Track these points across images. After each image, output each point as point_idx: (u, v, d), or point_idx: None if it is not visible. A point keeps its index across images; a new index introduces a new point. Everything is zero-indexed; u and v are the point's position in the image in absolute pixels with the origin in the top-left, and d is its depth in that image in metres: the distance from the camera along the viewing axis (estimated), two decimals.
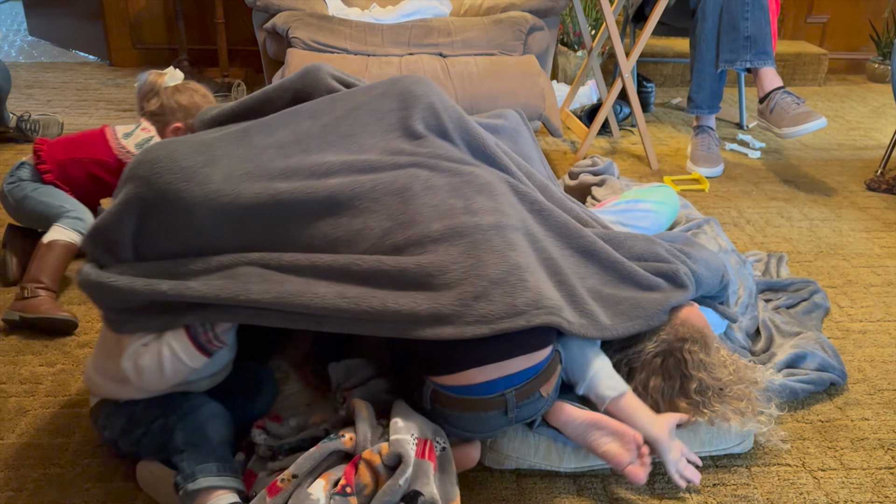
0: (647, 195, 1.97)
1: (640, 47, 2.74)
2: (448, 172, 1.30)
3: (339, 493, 1.12)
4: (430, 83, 1.43)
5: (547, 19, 2.92)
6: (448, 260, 1.19)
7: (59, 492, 1.27)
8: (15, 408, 1.46)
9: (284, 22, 2.70)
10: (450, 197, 1.26)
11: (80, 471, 1.31)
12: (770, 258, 2.06)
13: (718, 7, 2.57)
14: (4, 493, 1.26)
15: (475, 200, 1.27)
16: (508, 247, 1.22)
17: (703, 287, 1.44)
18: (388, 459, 1.16)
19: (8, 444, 1.37)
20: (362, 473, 1.15)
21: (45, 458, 1.34)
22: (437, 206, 1.24)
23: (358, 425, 1.21)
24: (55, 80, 3.60)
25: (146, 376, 1.19)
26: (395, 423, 1.21)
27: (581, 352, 1.34)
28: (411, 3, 3.03)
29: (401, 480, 1.13)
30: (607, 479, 1.35)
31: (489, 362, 1.21)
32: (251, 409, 1.34)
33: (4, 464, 1.33)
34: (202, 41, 3.78)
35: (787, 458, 1.41)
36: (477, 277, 1.18)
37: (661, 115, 3.43)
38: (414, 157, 1.31)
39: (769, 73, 2.60)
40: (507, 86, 2.56)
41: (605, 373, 1.34)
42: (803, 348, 1.61)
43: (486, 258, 1.20)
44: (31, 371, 1.57)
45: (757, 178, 2.73)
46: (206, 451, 1.18)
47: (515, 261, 1.21)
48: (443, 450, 1.22)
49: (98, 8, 3.75)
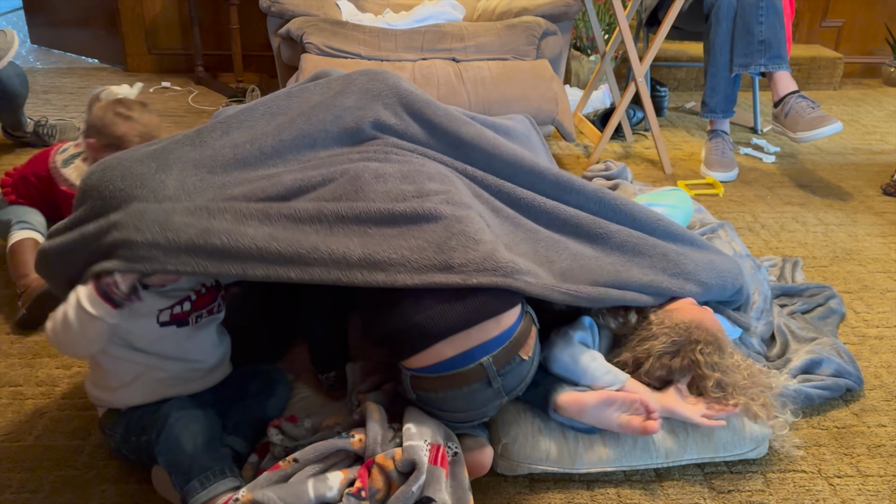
0: (660, 199, 1.97)
1: (654, 51, 2.73)
2: (399, 162, 1.33)
3: (353, 494, 1.12)
4: (388, 75, 1.44)
5: (560, 24, 2.92)
6: (392, 223, 1.23)
7: (75, 493, 1.28)
8: (32, 410, 1.48)
9: (299, 27, 2.71)
10: (401, 183, 1.29)
11: (95, 473, 1.32)
12: (785, 263, 2.05)
13: (732, 11, 2.56)
14: (22, 495, 1.27)
15: (426, 185, 1.29)
16: (457, 220, 1.24)
17: (709, 289, 1.44)
18: (402, 466, 1.16)
19: (25, 446, 1.38)
20: (375, 478, 1.15)
21: (61, 459, 1.35)
22: (389, 192, 1.27)
23: (369, 427, 1.22)
24: (71, 85, 3.64)
25: (61, 334, 1.17)
26: (407, 429, 1.21)
27: (572, 359, 1.36)
28: (424, 9, 3.04)
29: (413, 487, 1.13)
30: (621, 484, 1.34)
31: (454, 332, 1.20)
32: (265, 410, 1.35)
33: (22, 465, 1.34)
34: (217, 46, 3.81)
35: (802, 464, 1.40)
36: (416, 236, 1.21)
37: (674, 119, 3.42)
38: (365, 153, 1.34)
39: (784, 78, 2.59)
40: (520, 90, 2.56)
41: (600, 371, 1.35)
42: (819, 354, 1.60)
43: (432, 227, 1.22)
44: (48, 373, 1.58)
45: (772, 183, 2.72)
46: (186, 467, 1.17)
47: (461, 229, 1.23)
48: (454, 455, 1.22)
49: (112, 14, 3.79)
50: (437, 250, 1.20)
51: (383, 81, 1.43)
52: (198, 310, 1.30)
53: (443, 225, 1.23)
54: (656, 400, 1.33)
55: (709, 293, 1.44)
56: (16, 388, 1.53)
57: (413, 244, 1.21)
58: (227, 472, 1.18)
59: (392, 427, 1.25)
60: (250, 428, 1.32)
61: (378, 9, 3.20)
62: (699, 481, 1.36)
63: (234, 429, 1.31)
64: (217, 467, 1.18)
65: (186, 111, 3.31)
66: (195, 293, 1.29)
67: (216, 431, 1.25)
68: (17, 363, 1.62)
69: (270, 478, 1.17)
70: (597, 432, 1.35)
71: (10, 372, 1.58)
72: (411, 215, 1.23)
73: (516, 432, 1.33)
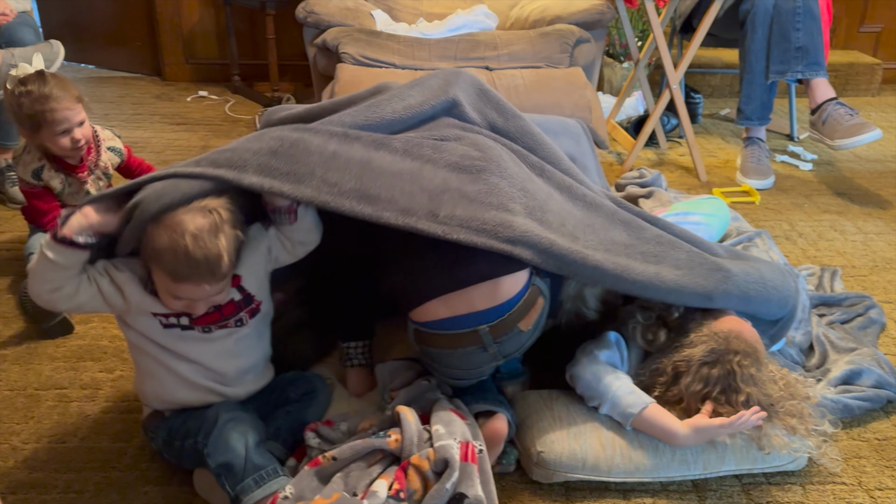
0: (696, 207, 1.96)
1: (689, 58, 2.72)
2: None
3: (393, 496, 1.16)
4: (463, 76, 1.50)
5: (593, 31, 2.92)
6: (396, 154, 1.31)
7: (119, 494, 1.31)
8: (76, 412, 1.51)
9: (334, 38, 2.75)
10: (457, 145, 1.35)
11: (138, 474, 1.35)
12: (823, 272, 2.02)
13: (769, 18, 2.54)
14: (68, 495, 1.31)
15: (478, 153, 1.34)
16: (473, 180, 1.28)
17: (754, 303, 1.43)
18: (436, 465, 1.20)
19: (71, 448, 1.42)
20: (412, 479, 1.19)
21: (105, 461, 1.39)
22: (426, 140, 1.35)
23: (405, 428, 1.25)
24: (111, 94, 3.72)
25: (30, 278, 1.18)
26: (436, 430, 1.24)
27: (595, 377, 1.36)
28: (458, 18, 3.06)
29: (447, 484, 1.17)
30: (657, 493, 1.34)
31: (446, 291, 1.25)
32: (305, 416, 1.37)
33: (68, 466, 1.37)
34: (253, 56, 3.87)
35: (842, 476, 1.38)
36: (414, 181, 1.26)
37: (709, 126, 3.39)
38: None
39: (821, 84, 2.56)
40: (553, 98, 2.56)
41: (623, 391, 1.34)
42: (859, 364, 1.58)
43: (442, 175, 1.28)
44: (92, 377, 1.62)
45: (809, 191, 2.68)
46: (238, 467, 1.19)
47: (474, 189, 1.26)
48: (479, 451, 1.25)
49: (151, 24, 3.87)
50: (428, 198, 1.24)
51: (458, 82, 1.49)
52: (204, 324, 1.27)
53: (458, 178, 1.27)
54: (682, 426, 1.31)
55: (750, 304, 1.43)
56: (61, 391, 1.57)
57: (407, 188, 1.24)
58: (280, 472, 1.21)
59: (426, 428, 1.28)
60: (290, 434, 1.34)
61: (412, 18, 3.22)
62: (737, 492, 1.35)
63: (275, 434, 1.33)
64: (270, 466, 1.21)
65: (223, 120, 3.37)
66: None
67: (263, 433, 1.28)
68: (62, 366, 1.66)
69: (310, 473, 1.21)
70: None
71: (55, 375, 1.63)
72: (428, 157, 1.29)
73: (552, 440, 1.33)
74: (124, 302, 1.22)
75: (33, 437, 1.44)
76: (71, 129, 1.83)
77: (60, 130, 1.81)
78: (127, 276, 1.22)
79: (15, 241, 2.16)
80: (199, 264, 1.13)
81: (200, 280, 1.16)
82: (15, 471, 1.36)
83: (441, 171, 1.28)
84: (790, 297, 1.47)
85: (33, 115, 1.78)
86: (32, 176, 1.90)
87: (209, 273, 1.15)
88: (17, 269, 2.01)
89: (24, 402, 1.54)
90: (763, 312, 1.47)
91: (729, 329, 1.37)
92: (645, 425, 1.33)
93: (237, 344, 1.31)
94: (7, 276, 2.01)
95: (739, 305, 1.42)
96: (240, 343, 1.31)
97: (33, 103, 1.77)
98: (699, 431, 1.31)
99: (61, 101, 1.79)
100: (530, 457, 1.34)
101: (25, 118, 1.79)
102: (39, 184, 1.91)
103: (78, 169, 1.94)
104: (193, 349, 1.28)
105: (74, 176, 1.94)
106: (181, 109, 3.51)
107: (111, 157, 2.03)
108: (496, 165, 1.31)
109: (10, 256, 2.10)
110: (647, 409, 1.32)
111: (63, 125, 1.81)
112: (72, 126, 1.83)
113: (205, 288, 1.18)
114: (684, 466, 1.34)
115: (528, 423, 1.38)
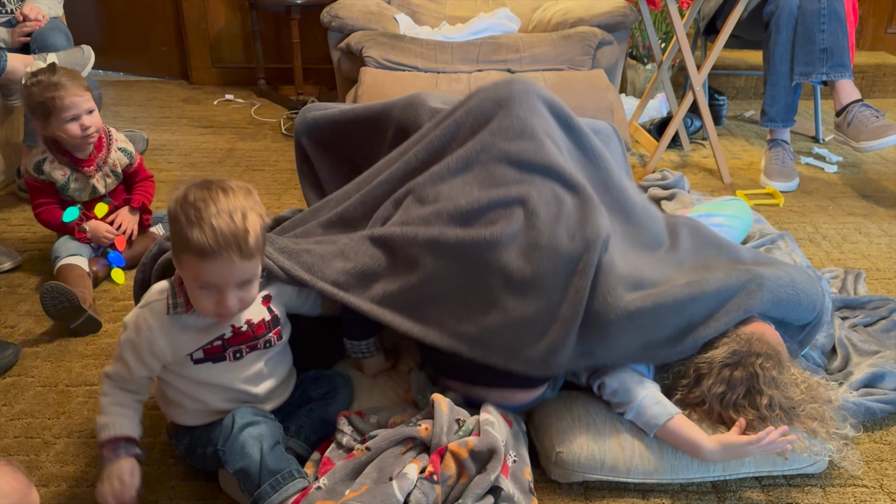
0: (719, 209, 1.95)
1: (712, 60, 2.71)
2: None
3: (426, 478, 1.18)
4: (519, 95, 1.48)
5: (616, 33, 2.92)
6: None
7: (147, 487, 1.34)
8: None
9: (358, 41, 2.78)
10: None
11: (165, 469, 1.39)
12: (847, 275, 2.01)
13: (793, 19, 2.52)
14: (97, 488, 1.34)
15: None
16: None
17: (784, 307, 1.42)
18: (480, 445, 1.23)
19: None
20: (447, 464, 1.21)
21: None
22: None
23: (437, 417, 1.27)
24: (139, 97, 3.79)
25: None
26: (486, 418, 1.29)
27: (621, 385, 1.36)
28: (480, 21, 3.07)
29: (492, 476, 1.20)
30: (676, 494, 1.34)
31: (462, 381, 1.39)
32: (327, 414, 1.39)
33: (97, 460, 1.40)
34: (278, 60, 3.92)
35: (864, 479, 1.38)
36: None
37: (733, 128, 3.37)
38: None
39: (846, 86, 2.54)
40: (575, 100, 2.57)
41: (649, 400, 1.34)
42: (882, 367, 1.57)
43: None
44: None
45: (833, 193, 2.66)
46: (254, 473, 1.20)
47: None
48: (514, 462, 1.27)
49: (179, 29, 3.93)
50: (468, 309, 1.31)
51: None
52: (234, 345, 1.27)
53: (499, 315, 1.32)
54: (707, 441, 1.30)
55: (781, 308, 1.41)
56: (91, 388, 1.61)
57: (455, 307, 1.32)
58: (296, 474, 1.22)
59: (457, 421, 1.30)
60: (312, 432, 1.36)
61: (435, 21, 3.24)
62: (756, 493, 1.35)
63: (297, 432, 1.35)
64: (286, 469, 1.21)
65: (249, 123, 3.41)
66: (232, 328, 1.26)
67: (280, 435, 1.28)
68: (92, 363, 1.70)
69: (346, 466, 1.23)
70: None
71: (85, 372, 1.67)
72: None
73: (571, 441, 1.34)
74: (166, 361, 1.26)
75: (64, 432, 1.48)
76: (79, 116, 1.91)
77: (69, 117, 1.90)
78: (158, 340, 1.23)
79: (44, 242, 2.21)
80: (226, 236, 1.12)
81: (229, 253, 1.12)
82: (47, 464, 1.40)
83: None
84: (818, 300, 1.46)
85: (43, 102, 1.88)
86: (34, 169, 1.98)
87: (236, 247, 1.13)
88: (47, 269, 2.06)
89: (56, 398, 1.58)
90: (793, 317, 1.45)
91: (751, 331, 1.37)
92: (670, 436, 1.33)
93: (267, 365, 1.32)
94: (37, 276, 2.06)
95: (771, 310, 1.40)
96: (269, 364, 1.33)
97: (43, 91, 1.88)
98: (727, 448, 1.29)
99: (69, 89, 1.88)
100: (549, 457, 1.35)
101: (37, 106, 1.90)
102: (41, 177, 1.99)
103: (85, 163, 2.01)
104: (226, 377, 1.28)
105: (81, 170, 2.00)
106: (207, 113, 3.56)
107: (120, 157, 2.09)
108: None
109: (39, 256, 2.15)
110: (673, 420, 1.32)
111: (71, 111, 1.89)
112: (80, 113, 1.91)
113: (233, 265, 1.14)
114: (704, 468, 1.34)
115: (548, 423, 1.39)
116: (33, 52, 2.35)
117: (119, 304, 1.94)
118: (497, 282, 1.28)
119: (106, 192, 2.07)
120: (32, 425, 1.50)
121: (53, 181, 1.99)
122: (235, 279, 1.17)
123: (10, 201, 2.53)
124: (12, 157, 2.64)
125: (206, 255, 1.12)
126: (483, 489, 1.19)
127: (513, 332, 1.28)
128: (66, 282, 1.83)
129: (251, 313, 1.27)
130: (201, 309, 1.20)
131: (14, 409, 1.55)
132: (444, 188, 1.37)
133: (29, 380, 1.64)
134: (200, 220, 1.12)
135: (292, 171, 2.82)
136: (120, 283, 2.03)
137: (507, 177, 1.36)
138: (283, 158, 2.99)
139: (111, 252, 2.04)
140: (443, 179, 1.39)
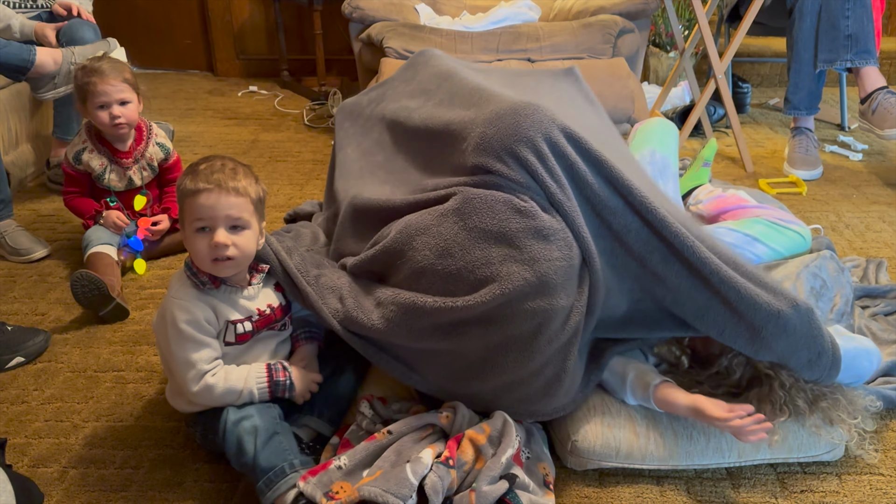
0: (769, 239, 1.76)
1: (735, 47, 2.69)
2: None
3: (442, 462, 1.20)
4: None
5: (637, 21, 2.91)
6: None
7: (172, 470, 1.38)
8: (133, 393, 1.59)
9: (379, 32, 2.80)
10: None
11: (190, 452, 1.42)
12: (869, 264, 1.99)
13: (817, 5, 2.49)
14: (125, 470, 1.38)
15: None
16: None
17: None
18: (495, 428, 1.25)
19: (128, 426, 1.50)
20: (465, 450, 1.22)
21: (159, 439, 1.46)
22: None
23: (458, 407, 1.31)
24: (165, 89, 3.84)
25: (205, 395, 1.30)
26: (500, 413, 1.31)
27: (610, 370, 1.40)
28: (501, 11, 3.07)
29: (503, 458, 1.21)
30: (691, 480, 1.35)
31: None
32: (338, 388, 1.43)
33: (125, 443, 1.45)
34: (301, 51, 3.95)
35: (880, 467, 1.38)
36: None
37: (757, 116, 3.34)
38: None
39: (872, 73, 2.51)
40: (595, 89, 2.54)
41: (638, 374, 1.37)
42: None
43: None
44: (147, 360, 1.70)
45: (858, 182, 2.63)
46: (251, 468, 1.23)
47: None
48: (527, 458, 1.30)
49: (204, 21, 3.98)
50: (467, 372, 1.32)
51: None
52: (261, 329, 1.37)
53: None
54: (693, 400, 1.30)
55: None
56: (118, 373, 1.66)
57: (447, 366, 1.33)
58: (288, 470, 1.22)
59: (479, 415, 1.33)
60: (327, 407, 1.40)
61: (455, 11, 3.25)
62: (771, 480, 1.35)
63: (310, 408, 1.39)
64: (279, 465, 1.22)
65: (272, 114, 3.45)
66: (258, 312, 1.36)
67: (276, 425, 1.29)
68: (119, 350, 1.74)
69: (367, 448, 1.25)
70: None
71: (112, 358, 1.71)
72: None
73: (586, 429, 1.35)
74: (217, 329, 1.33)
75: (93, 416, 1.53)
76: (110, 105, 1.97)
77: (99, 103, 1.96)
78: (204, 307, 1.31)
79: (73, 232, 2.26)
80: (216, 173, 1.26)
81: (220, 185, 1.25)
82: (76, 447, 1.44)
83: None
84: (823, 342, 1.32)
85: (80, 86, 1.97)
86: (73, 158, 2.04)
87: (224, 181, 1.25)
88: (76, 258, 2.11)
89: (84, 384, 1.63)
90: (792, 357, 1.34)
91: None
92: (657, 400, 1.34)
93: (277, 346, 1.43)
94: (68, 265, 2.11)
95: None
96: (279, 346, 1.43)
97: (83, 75, 1.97)
98: (698, 413, 1.29)
99: (105, 76, 1.95)
100: (564, 445, 1.37)
101: (78, 89, 1.98)
102: (78, 167, 2.05)
103: (123, 155, 2.06)
104: (249, 355, 1.37)
105: (119, 161, 2.05)
106: (232, 104, 3.61)
107: (157, 151, 2.13)
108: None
109: (70, 246, 2.21)
110: (660, 385, 1.34)
111: (101, 98, 1.95)
112: (110, 101, 1.96)
113: (221, 195, 1.25)
114: (718, 454, 1.35)
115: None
116: (61, 45, 2.40)
117: (145, 292, 1.99)
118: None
119: (142, 184, 2.12)
120: (62, 409, 1.55)
121: (90, 171, 2.05)
122: (224, 212, 1.25)
123: (39, 192, 2.59)
124: (42, 148, 2.71)
125: (198, 191, 1.25)
126: (497, 472, 1.20)
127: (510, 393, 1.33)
128: (95, 270, 1.87)
129: (270, 298, 1.39)
130: (199, 258, 1.28)
131: (45, 393, 1.60)
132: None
133: (59, 365, 1.69)
134: (195, 169, 1.28)
135: (315, 161, 2.85)
136: (140, 274, 2.07)
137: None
138: (306, 149, 3.02)
139: (132, 237, 2.06)
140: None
